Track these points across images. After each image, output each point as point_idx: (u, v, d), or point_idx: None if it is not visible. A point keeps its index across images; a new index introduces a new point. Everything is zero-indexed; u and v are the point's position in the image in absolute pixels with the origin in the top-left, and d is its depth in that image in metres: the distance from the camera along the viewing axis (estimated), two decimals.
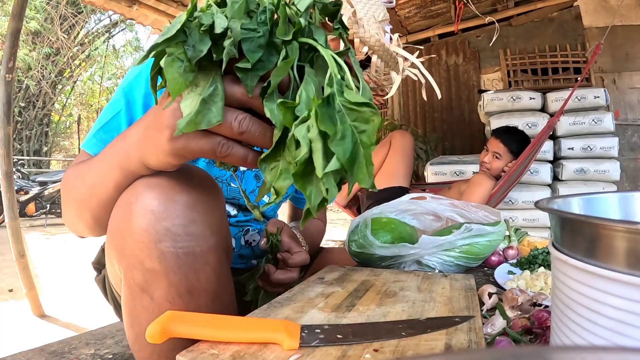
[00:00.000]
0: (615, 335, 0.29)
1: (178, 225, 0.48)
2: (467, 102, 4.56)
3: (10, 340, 2.18)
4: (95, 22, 12.84)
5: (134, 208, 0.48)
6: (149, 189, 0.48)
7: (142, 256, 0.48)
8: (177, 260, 0.48)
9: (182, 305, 0.49)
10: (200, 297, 0.50)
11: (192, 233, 0.49)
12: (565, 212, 0.36)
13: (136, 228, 0.47)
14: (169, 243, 0.47)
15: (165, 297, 0.49)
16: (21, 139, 11.76)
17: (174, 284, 0.48)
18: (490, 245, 0.85)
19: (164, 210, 0.47)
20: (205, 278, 0.50)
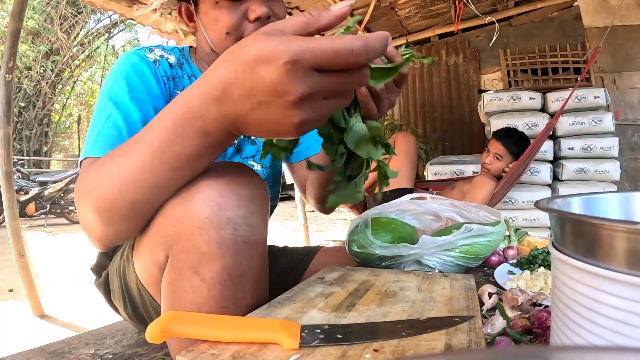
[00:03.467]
0: (615, 335, 0.29)
1: (239, 215, 0.53)
2: (467, 102, 4.56)
3: (10, 340, 2.18)
4: (95, 22, 12.85)
5: (196, 198, 0.52)
6: (213, 182, 0.52)
7: (200, 241, 0.51)
8: (235, 247, 0.52)
9: (231, 288, 0.53)
10: (247, 283, 0.55)
11: (250, 224, 0.54)
12: (565, 212, 0.36)
13: (198, 216, 0.51)
14: (229, 230, 0.52)
15: (217, 279, 0.52)
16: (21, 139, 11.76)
17: (228, 267, 0.52)
18: (490, 245, 0.85)
19: (227, 201, 0.52)
20: (255, 265, 0.56)
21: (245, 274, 0.54)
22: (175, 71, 0.84)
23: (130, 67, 0.77)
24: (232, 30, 0.76)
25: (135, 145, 0.50)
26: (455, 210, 0.96)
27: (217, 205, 0.51)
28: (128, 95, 0.72)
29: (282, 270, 1.01)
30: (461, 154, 3.70)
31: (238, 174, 0.56)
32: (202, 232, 0.51)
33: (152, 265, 0.60)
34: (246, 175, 0.57)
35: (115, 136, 0.67)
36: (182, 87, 0.84)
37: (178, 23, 0.90)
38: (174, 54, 0.87)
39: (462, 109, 4.61)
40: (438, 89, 4.71)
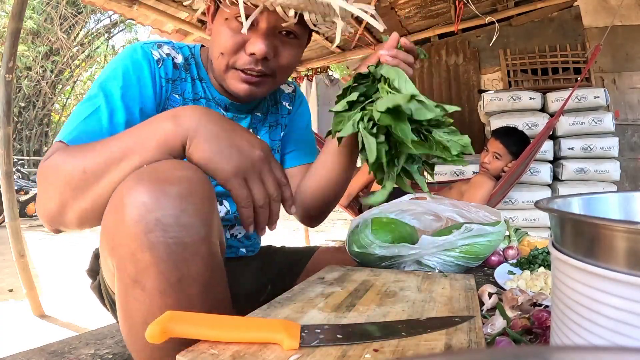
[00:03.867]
0: (615, 335, 0.29)
1: (169, 215, 0.49)
2: (467, 102, 4.56)
3: (10, 340, 2.18)
4: (95, 22, 12.85)
5: (125, 200, 0.50)
6: (141, 182, 0.50)
7: (134, 247, 0.49)
8: (167, 250, 0.49)
9: (173, 295, 0.50)
10: (191, 287, 0.51)
11: (182, 224, 0.50)
12: (565, 212, 0.36)
13: (128, 220, 0.49)
14: (159, 233, 0.48)
15: (157, 287, 0.49)
16: (21, 139, 11.76)
17: (164, 273, 0.49)
18: (490, 245, 0.85)
19: (154, 201, 0.49)
20: (196, 268, 0.51)
21: (186, 279, 0.50)
22: (178, 73, 0.82)
23: (131, 62, 0.76)
24: (226, 54, 0.74)
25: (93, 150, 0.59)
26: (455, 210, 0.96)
27: (144, 206, 0.48)
28: (120, 92, 0.72)
29: (279, 270, 1.01)
30: None
31: (167, 170, 0.52)
32: (134, 237, 0.48)
33: (109, 274, 0.59)
34: (177, 171, 0.53)
35: (95, 133, 0.67)
36: (182, 91, 0.82)
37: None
38: (183, 53, 0.84)
39: (462, 109, 4.59)
40: (438, 89, 4.71)
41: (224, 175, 0.55)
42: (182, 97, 0.82)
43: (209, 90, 0.85)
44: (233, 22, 0.72)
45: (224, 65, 0.76)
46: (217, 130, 0.57)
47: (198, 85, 0.84)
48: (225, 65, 0.76)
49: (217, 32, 0.75)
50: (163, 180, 0.50)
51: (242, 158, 0.56)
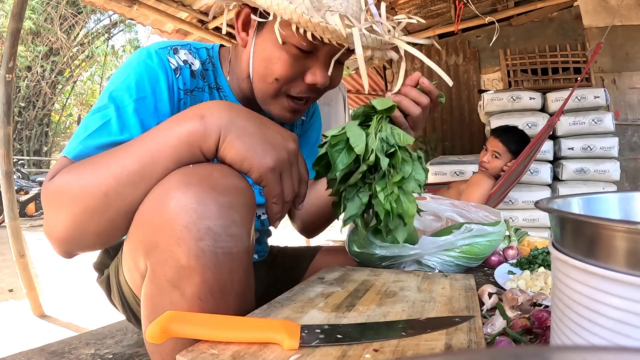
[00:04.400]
0: (615, 335, 0.29)
1: (219, 225, 0.48)
2: (467, 102, 4.56)
3: (10, 340, 2.18)
4: (95, 22, 12.85)
5: (172, 204, 0.48)
6: (190, 186, 0.49)
7: (179, 253, 0.48)
8: (215, 259, 0.49)
9: (212, 303, 0.50)
10: (229, 297, 0.51)
11: (231, 234, 0.50)
12: (565, 212, 0.36)
13: (175, 225, 0.48)
14: (209, 242, 0.48)
15: (197, 294, 0.49)
16: (21, 139, 11.76)
17: (208, 282, 0.49)
18: (490, 245, 0.85)
19: (206, 209, 0.48)
20: (238, 278, 0.52)
21: (227, 288, 0.50)
22: (196, 82, 0.75)
23: (146, 71, 0.68)
24: (282, 80, 0.70)
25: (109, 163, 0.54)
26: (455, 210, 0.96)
27: (195, 213, 0.47)
28: (133, 105, 0.65)
29: (283, 271, 1.01)
30: (461, 154, 3.70)
31: (218, 178, 0.51)
32: (181, 242, 0.47)
33: (135, 272, 0.58)
34: (228, 179, 0.52)
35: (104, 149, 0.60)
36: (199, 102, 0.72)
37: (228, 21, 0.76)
38: (200, 57, 0.77)
39: (462, 109, 4.60)
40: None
41: (261, 171, 0.53)
42: None
43: (227, 99, 0.80)
44: (293, 49, 0.67)
45: (275, 90, 0.71)
46: (248, 126, 0.54)
47: (215, 94, 0.79)
48: (276, 90, 0.71)
49: (269, 54, 0.69)
50: (214, 188, 0.49)
51: (277, 152, 0.54)
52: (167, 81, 0.70)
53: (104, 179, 0.53)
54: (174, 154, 0.53)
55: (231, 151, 0.53)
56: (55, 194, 0.55)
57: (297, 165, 0.58)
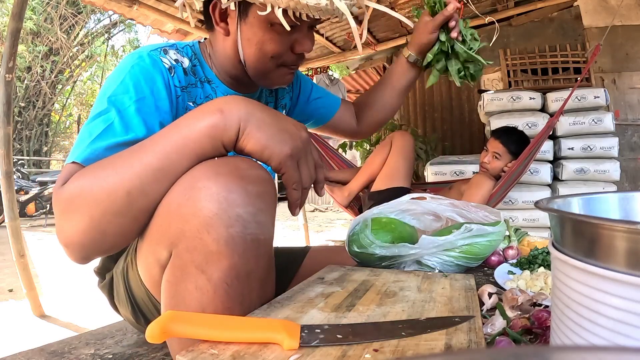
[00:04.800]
0: (615, 335, 0.29)
1: (249, 213, 0.51)
2: (467, 102, 4.56)
3: (10, 340, 2.18)
4: (95, 22, 12.84)
5: (202, 194, 0.50)
6: (219, 175, 0.51)
7: (208, 239, 0.50)
8: (244, 245, 0.51)
9: (237, 287, 0.52)
10: (254, 282, 0.54)
11: (259, 221, 0.52)
12: (565, 212, 0.36)
13: (206, 212, 0.50)
14: (239, 228, 0.50)
15: (224, 278, 0.51)
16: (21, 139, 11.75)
17: (236, 266, 0.51)
18: (490, 245, 0.85)
19: (237, 197, 0.50)
20: (263, 264, 0.54)
21: (253, 274, 0.53)
22: (189, 79, 0.79)
23: (141, 73, 0.69)
24: (277, 57, 0.78)
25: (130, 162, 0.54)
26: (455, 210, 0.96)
27: (226, 201, 0.50)
28: (135, 106, 0.65)
29: (278, 272, 1.02)
30: (461, 154, 3.70)
31: (246, 169, 0.54)
32: (211, 229, 0.49)
33: (154, 266, 0.59)
34: (254, 170, 0.55)
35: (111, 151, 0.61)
36: (196, 97, 0.79)
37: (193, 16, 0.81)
38: (187, 55, 0.81)
39: (462, 109, 4.61)
40: (438, 89, 4.71)
41: (280, 158, 0.55)
42: (195, 104, 0.79)
43: (218, 89, 0.84)
44: (279, 28, 0.72)
45: (273, 66, 0.79)
46: (265, 117, 0.57)
47: (207, 87, 0.83)
48: (274, 65, 0.79)
49: (258, 37, 0.75)
50: (243, 178, 0.52)
51: (294, 140, 0.57)
52: (164, 80, 0.72)
53: (127, 179, 0.53)
54: (198, 147, 0.54)
55: (251, 141, 0.55)
56: (71, 199, 0.54)
57: (311, 153, 0.60)
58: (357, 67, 5.59)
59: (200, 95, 0.81)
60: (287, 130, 0.57)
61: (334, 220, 6.88)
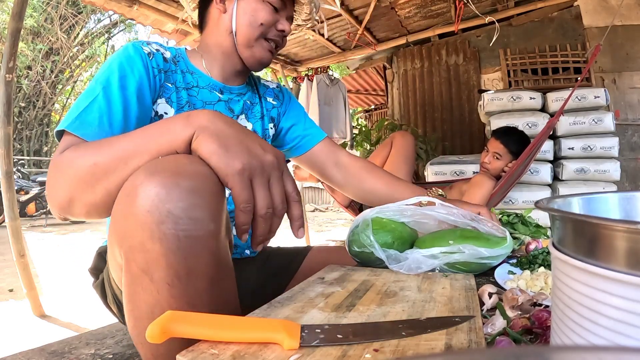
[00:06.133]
0: (615, 335, 0.29)
1: (180, 208, 0.49)
2: (467, 102, 4.56)
3: (10, 340, 2.18)
4: (95, 22, 12.84)
5: (138, 191, 0.50)
6: (155, 173, 0.50)
7: (144, 238, 0.49)
8: (177, 242, 0.49)
9: (180, 287, 0.50)
10: (198, 280, 0.51)
11: (193, 217, 0.50)
12: (566, 212, 0.36)
13: (140, 210, 0.49)
14: (170, 225, 0.49)
15: (164, 278, 0.49)
16: (21, 139, 11.75)
17: (173, 265, 0.49)
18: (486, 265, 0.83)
19: (167, 193, 0.49)
20: (204, 262, 0.51)
21: (195, 272, 0.51)
22: (168, 65, 0.90)
23: (124, 57, 0.81)
24: (265, 25, 0.92)
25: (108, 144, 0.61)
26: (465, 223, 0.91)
27: (157, 197, 0.49)
28: (118, 83, 0.77)
29: (275, 270, 1.02)
30: (461, 154, 3.70)
31: (184, 165, 0.52)
32: (145, 227, 0.49)
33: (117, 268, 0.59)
34: (192, 166, 0.53)
35: (95, 119, 0.72)
36: (174, 81, 0.90)
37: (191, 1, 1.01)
38: (170, 51, 0.93)
39: (462, 109, 4.61)
40: (438, 89, 4.71)
41: (227, 170, 0.53)
42: (174, 85, 0.89)
43: (201, 79, 0.95)
44: (269, 5, 0.92)
45: (258, 33, 0.93)
46: (226, 129, 0.56)
47: (189, 76, 0.93)
48: (259, 34, 0.93)
49: (252, 9, 0.92)
50: (176, 174, 0.51)
51: (250, 157, 0.54)
52: (143, 62, 0.83)
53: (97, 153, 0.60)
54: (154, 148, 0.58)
55: (202, 146, 0.55)
56: (59, 165, 0.63)
57: (278, 179, 0.56)
58: (357, 67, 5.59)
59: (180, 79, 0.91)
60: (247, 146, 0.55)
61: (334, 220, 6.87)
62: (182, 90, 0.90)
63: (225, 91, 0.97)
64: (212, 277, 0.53)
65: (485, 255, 0.79)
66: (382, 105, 8.56)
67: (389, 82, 5.23)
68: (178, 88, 0.90)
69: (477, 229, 0.89)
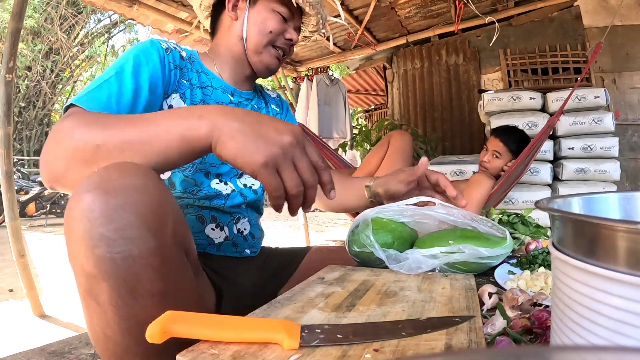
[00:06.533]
0: (615, 335, 0.29)
1: (112, 230, 0.48)
2: (467, 102, 4.56)
3: (10, 340, 2.18)
4: (95, 22, 12.84)
5: (73, 214, 0.49)
6: (87, 193, 0.49)
7: (83, 261, 0.48)
8: (113, 265, 0.48)
9: (126, 308, 0.49)
10: (145, 299, 0.50)
11: (127, 237, 0.48)
12: (566, 212, 0.36)
13: (75, 234, 0.48)
14: (104, 248, 0.47)
15: (108, 301, 0.49)
16: (21, 139, 11.75)
17: (114, 288, 0.48)
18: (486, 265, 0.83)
19: (98, 215, 0.47)
20: (148, 279, 0.50)
21: (138, 291, 0.49)
22: (185, 63, 0.93)
23: (141, 49, 0.84)
24: (274, 33, 0.96)
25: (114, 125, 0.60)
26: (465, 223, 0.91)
27: (89, 221, 0.47)
28: (132, 70, 0.79)
29: (273, 271, 1.02)
30: (461, 154, 3.70)
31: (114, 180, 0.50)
32: (81, 252, 0.48)
33: None
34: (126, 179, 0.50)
35: (104, 96, 0.73)
36: (189, 78, 0.92)
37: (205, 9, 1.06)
38: (186, 51, 0.96)
39: (462, 109, 4.61)
40: (438, 89, 4.71)
41: (252, 167, 0.54)
42: (189, 82, 0.91)
43: (214, 81, 0.97)
44: (278, 15, 0.96)
45: (266, 41, 0.96)
46: (240, 126, 0.56)
47: (203, 76, 0.96)
48: (268, 41, 0.96)
49: (262, 18, 0.96)
50: (107, 192, 0.49)
51: (269, 147, 0.55)
52: (159, 55, 0.85)
53: (101, 134, 0.58)
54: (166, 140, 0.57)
55: (224, 151, 0.56)
56: (59, 133, 0.62)
57: (302, 156, 0.57)
58: (357, 67, 5.59)
59: (195, 78, 0.93)
60: (263, 137, 0.55)
61: (334, 220, 6.87)
62: (196, 88, 0.92)
63: (235, 94, 1.00)
64: (160, 292, 0.51)
65: (485, 255, 0.79)
66: (382, 105, 8.56)
67: (389, 82, 5.22)
68: (193, 85, 0.92)
69: (477, 229, 0.89)
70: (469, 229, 0.89)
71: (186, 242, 0.59)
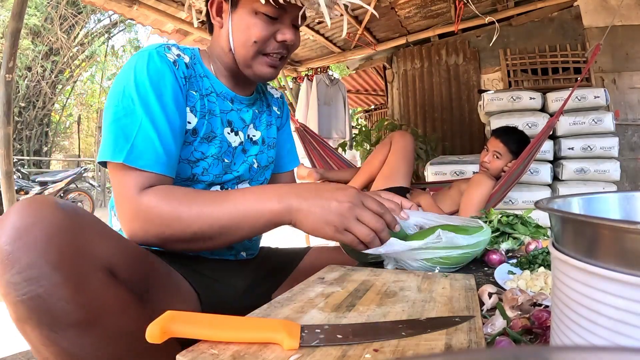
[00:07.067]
0: (615, 335, 0.29)
1: (15, 274, 0.49)
2: (467, 102, 4.55)
3: (10, 340, 2.18)
4: (95, 22, 12.83)
5: None
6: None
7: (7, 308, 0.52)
8: (24, 308, 0.50)
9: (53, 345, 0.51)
10: (69, 330, 0.51)
11: (29, 277, 0.49)
12: (566, 212, 0.36)
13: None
14: (13, 294, 0.50)
15: (38, 339, 0.51)
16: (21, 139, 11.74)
17: (33, 327, 0.51)
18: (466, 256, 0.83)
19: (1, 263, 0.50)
20: (63, 312, 0.50)
21: (58, 323, 0.50)
22: (190, 71, 0.87)
23: (154, 70, 0.78)
24: (259, 42, 0.84)
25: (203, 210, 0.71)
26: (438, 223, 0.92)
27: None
28: (158, 104, 0.76)
29: (274, 271, 1.02)
30: (461, 154, 3.70)
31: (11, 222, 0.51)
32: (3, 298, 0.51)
33: None
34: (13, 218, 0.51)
35: (150, 148, 0.74)
36: (197, 87, 0.87)
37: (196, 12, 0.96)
38: (187, 54, 0.89)
39: (462, 109, 4.60)
40: (438, 89, 4.71)
41: (329, 236, 0.69)
42: (198, 92, 0.87)
43: (215, 86, 0.92)
44: (263, 16, 0.83)
45: (254, 52, 0.85)
46: (311, 206, 0.69)
47: (206, 81, 0.90)
48: (255, 52, 0.85)
49: (244, 24, 0.84)
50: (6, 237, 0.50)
51: (335, 216, 0.68)
52: (172, 74, 0.81)
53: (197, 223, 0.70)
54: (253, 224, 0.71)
55: (303, 227, 0.70)
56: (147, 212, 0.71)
57: (364, 211, 0.69)
58: (357, 67, 5.59)
59: (201, 85, 0.88)
60: (328, 207, 0.68)
61: None
62: (204, 98, 0.88)
63: (235, 101, 0.95)
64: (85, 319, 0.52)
65: (463, 243, 0.80)
66: (382, 105, 8.56)
67: (388, 82, 5.22)
68: (202, 96, 0.87)
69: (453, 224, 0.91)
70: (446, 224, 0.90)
71: (113, 259, 0.58)
